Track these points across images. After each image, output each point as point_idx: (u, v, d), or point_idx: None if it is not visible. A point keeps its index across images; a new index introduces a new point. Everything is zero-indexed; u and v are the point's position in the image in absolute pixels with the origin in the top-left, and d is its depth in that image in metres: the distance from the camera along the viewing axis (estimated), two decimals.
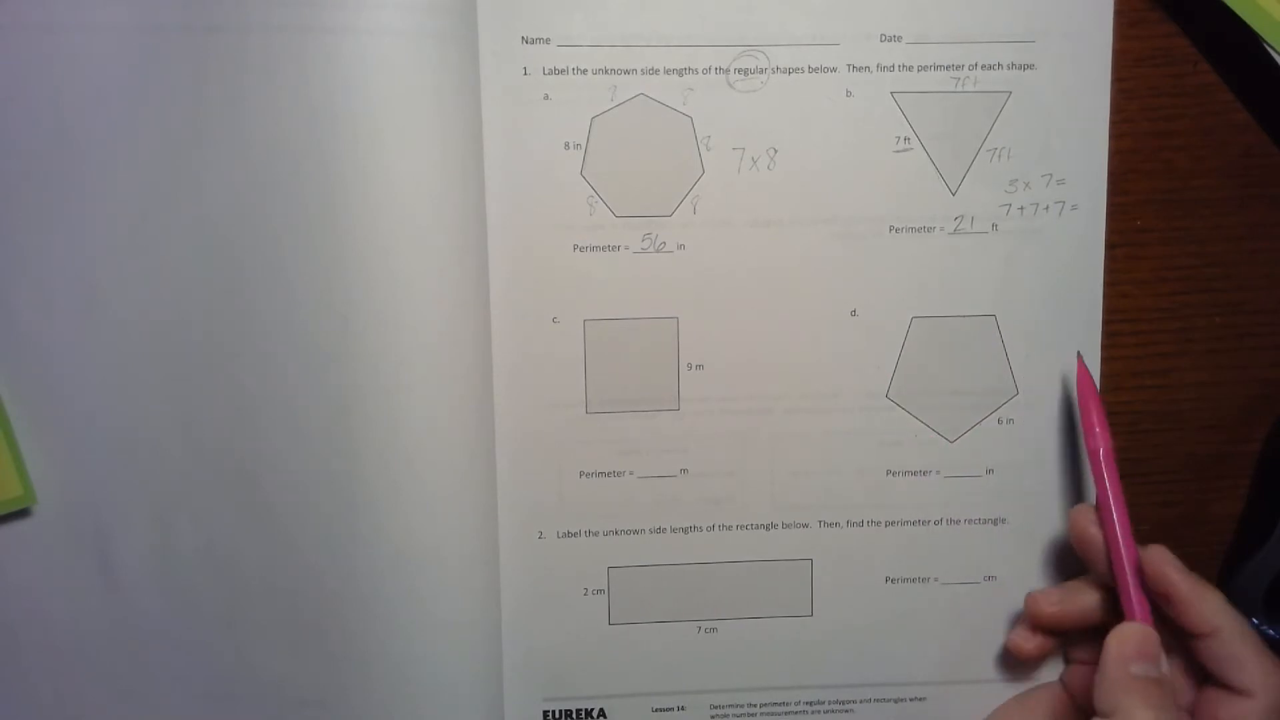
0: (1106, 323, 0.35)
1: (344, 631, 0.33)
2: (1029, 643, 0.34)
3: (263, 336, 0.32)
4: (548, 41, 0.33)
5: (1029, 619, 0.34)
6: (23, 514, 0.32)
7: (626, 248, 0.34)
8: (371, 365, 0.32)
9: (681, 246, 0.34)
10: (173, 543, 0.33)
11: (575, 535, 0.35)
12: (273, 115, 0.31)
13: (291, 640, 0.33)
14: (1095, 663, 0.30)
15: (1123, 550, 0.31)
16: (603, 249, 0.34)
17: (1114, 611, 0.32)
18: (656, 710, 0.36)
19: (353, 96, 0.31)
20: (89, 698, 0.33)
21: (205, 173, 0.31)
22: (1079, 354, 0.34)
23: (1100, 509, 0.32)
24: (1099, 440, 0.32)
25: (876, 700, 0.36)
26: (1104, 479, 0.32)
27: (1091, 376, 0.33)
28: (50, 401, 0.32)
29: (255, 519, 0.33)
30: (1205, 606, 0.30)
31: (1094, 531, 0.32)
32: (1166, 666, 0.30)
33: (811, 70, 0.33)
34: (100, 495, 0.32)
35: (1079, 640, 0.34)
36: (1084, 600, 0.33)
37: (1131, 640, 0.30)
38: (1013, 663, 0.35)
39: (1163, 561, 0.30)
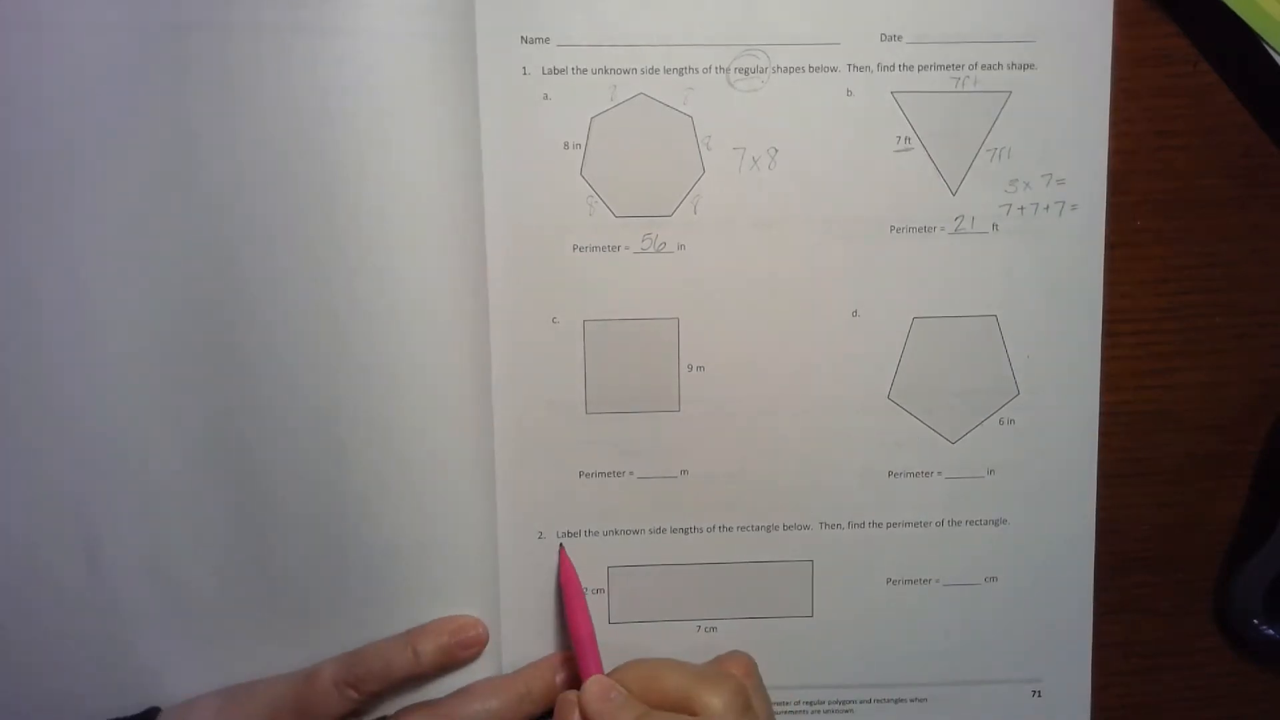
0: (1106, 323, 0.35)
1: (342, 633, 0.33)
2: None
3: (259, 337, 0.32)
4: (547, 41, 0.32)
5: None
6: None
7: (626, 248, 0.33)
8: (370, 365, 0.32)
9: (682, 247, 0.34)
10: (163, 542, 0.32)
11: (575, 535, 0.35)
12: (270, 116, 0.31)
13: (288, 642, 0.33)
14: None
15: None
16: (603, 249, 0.33)
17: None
18: None
19: (351, 97, 0.30)
20: (82, 693, 0.33)
21: (201, 174, 0.31)
22: (561, 547, 0.34)
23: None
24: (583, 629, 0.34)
25: (876, 700, 0.36)
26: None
27: (573, 567, 0.34)
28: (41, 400, 0.32)
29: (250, 519, 0.32)
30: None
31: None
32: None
33: (812, 70, 0.33)
34: (90, 493, 0.32)
35: None
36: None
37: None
38: (1015, 663, 0.36)
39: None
